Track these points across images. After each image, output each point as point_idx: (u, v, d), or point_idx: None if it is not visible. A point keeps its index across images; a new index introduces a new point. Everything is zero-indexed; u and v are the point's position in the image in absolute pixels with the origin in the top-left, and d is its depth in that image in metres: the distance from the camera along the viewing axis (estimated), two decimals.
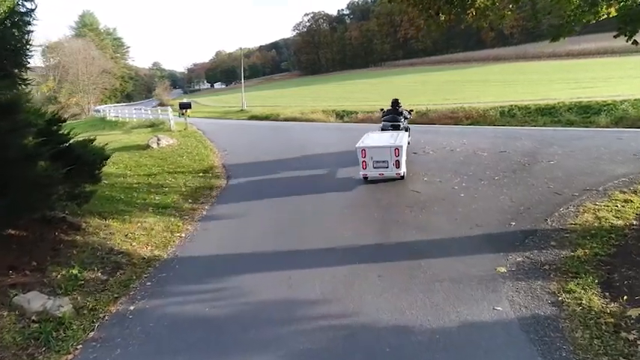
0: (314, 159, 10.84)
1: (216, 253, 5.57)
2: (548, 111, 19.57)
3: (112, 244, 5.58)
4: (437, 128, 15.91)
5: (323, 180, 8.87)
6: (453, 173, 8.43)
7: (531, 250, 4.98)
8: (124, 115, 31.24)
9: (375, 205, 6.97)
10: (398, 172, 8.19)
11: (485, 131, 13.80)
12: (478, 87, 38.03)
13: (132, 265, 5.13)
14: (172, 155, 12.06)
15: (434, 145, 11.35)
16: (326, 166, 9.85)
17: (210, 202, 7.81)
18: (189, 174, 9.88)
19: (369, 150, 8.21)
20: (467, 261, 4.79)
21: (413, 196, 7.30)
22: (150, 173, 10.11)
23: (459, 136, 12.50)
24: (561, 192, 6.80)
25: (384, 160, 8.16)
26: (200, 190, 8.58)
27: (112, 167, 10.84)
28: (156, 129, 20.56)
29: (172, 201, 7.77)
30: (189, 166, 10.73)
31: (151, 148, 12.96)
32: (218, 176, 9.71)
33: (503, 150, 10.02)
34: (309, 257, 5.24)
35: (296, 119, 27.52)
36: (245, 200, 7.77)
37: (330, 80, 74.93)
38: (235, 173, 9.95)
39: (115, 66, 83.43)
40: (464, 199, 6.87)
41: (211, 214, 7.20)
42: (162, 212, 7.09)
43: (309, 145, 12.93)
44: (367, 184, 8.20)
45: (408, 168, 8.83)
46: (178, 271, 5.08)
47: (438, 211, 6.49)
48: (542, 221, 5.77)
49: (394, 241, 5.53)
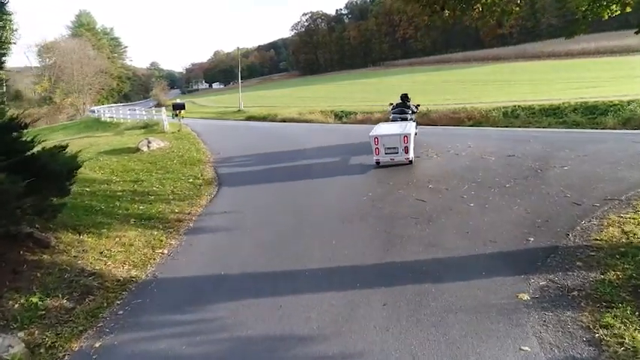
0: (312, 166, 10.28)
1: (199, 273, 4.98)
2: (553, 111, 19.05)
3: (84, 263, 4.98)
4: (439, 130, 15.34)
5: (320, 193, 8.29)
6: (460, 180, 7.85)
7: (555, 271, 4.40)
8: (118, 115, 30.64)
9: (378, 217, 6.38)
10: (407, 157, 9.25)
11: (491, 133, 13.23)
12: (479, 87, 37.57)
13: (104, 289, 4.53)
14: (162, 159, 11.46)
15: (437, 148, 10.78)
16: (323, 175, 9.26)
17: (198, 212, 7.21)
18: (179, 180, 9.27)
19: (381, 138, 9.27)
20: (483, 285, 4.21)
21: (418, 205, 6.72)
22: (137, 179, 9.51)
23: (463, 139, 11.93)
24: (580, 202, 6.22)
25: (395, 147, 9.20)
26: (188, 198, 7.98)
27: (98, 172, 10.26)
28: (149, 130, 19.98)
29: (157, 211, 7.17)
30: (179, 171, 10.13)
31: (140, 152, 12.36)
32: (208, 182, 9.11)
33: (511, 154, 9.45)
34: (304, 279, 4.65)
35: (294, 120, 26.93)
36: (235, 211, 7.16)
37: (329, 80, 74.36)
38: (227, 179, 9.35)
39: (111, 66, 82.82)
40: (474, 210, 6.29)
41: (198, 226, 6.60)
42: (144, 224, 6.49)
43: (305, 148, 12.36)
44: (370, 189, 7.62)
45: (411, 174, 8.30)
46: (156, 297, 4.49)
47: (446, 223, 5.91)
48: (564, 236, 5.19)
49: (399, 260, 4.94)
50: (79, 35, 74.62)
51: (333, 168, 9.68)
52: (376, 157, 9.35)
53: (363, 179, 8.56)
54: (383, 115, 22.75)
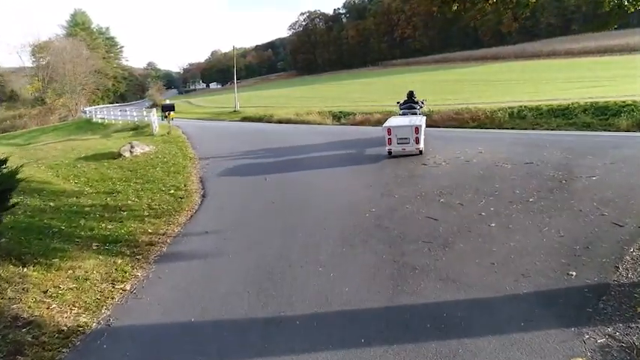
0: (309, 176, 9.33)
1: (164, 320, 4.00)
2: (562, 112, 18.17)
3: (21, 308, 4.00)
4: (443, 132, 14.37)
5: (317, 208, 7.33)
6: (475, 192, 6.90)
7: (613, 321, 3.45)
8: (109, 117, 29.66)
9: (383, 240, 5.41)
10: (417, 148, 9.80)
11: (501, 137, 12.28)
12: (479, 86, 36.66)
13: (39, 345, 3.55)
14: (145, 166, 10.47)
15: (445, 154, 9.83)
16: (322, 188, 8.31)
17: (175, 233, 6.23)
18: (158, 192, 8.28)
19: (394, 129, 9.90)
20: (524, 344, 3.25)
21: (429, 225, 5.76)
22: (112, 190, 8.51)
23: (472, 143, 10.98)
24: (621, 222, 5.27)
25: (406, 137, 9.74)
26: (166, 214, 6.99)
27: (71, 182, 9.27)
28: (139, 132, 19.01)
29: (127, 231, 6.18)
30: (160, 180, 9.13)
31: (122, 157, 11.37)
32: (191, 194, 8.12)
33: (528, 161, 8.50)
34: (294, 330, 3.69)
35: (290, 121, 25.93)
36: (217, 231, 6.18)
37: (327, 80, 73.44)
38: (212, 190, 8.37)
39: (106, 66, 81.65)
40: (496, 232, 5.34)
41: (173, 252, 5.61)
42: (109, 250, 5.50)
43: (300, 152, 11.41)
44: (374, 204, 6.66)
45: (419, 185, 7.38)
46: (104, 357, 3.52)
47: (465, 250, 4.95)
48: (612, 269, 4.24)
49: (412, 302, 3.97)
50: (73, 35, 73.47)
51: (334, 180, 8.72)
52: (388, 147, 9.95)
53: (365, 192, 7.59)
54: (383, 115, 21.74)
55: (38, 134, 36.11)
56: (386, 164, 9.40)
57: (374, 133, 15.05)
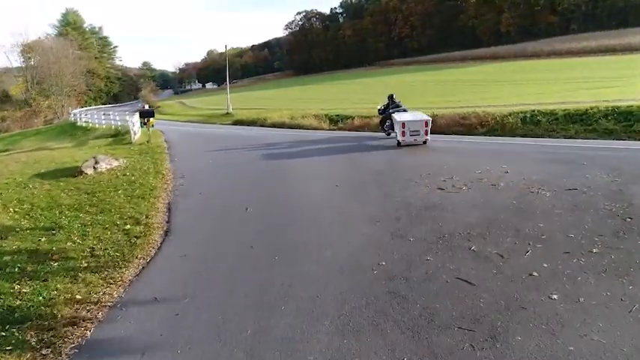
0: (300, 202, 7.68)
1: None
2: (579, 117, 16.66)
3: None
4: (454, 143, 12.76)
5: (312, 263, 5.67)
6: (515, 235, 5.26)
7: None
8: (93, 120, 28.00)
9: (400, 320, 3.74)
10: (425, 139, 11.58)
11: (524, 150, 10.64)
12: (481, 87, 35.22)
13: None
14: (106, 187, 8.76)
15: (463, 173, 8.20)
16: (319, 225, 6.65)
17: (113, 299, 4.55)
18: (111, 227, 6.58)
19: (408, 123, 11.50)
20: None
21: (464, 294, 4.10)
22: (53, 225, 6.78)
23: (492, 158, 9.38)
24: None
25: (417, 130, 11.47)
26: (110, 265, 5.28)
27: (8, 212, 7.54)
28: (117, 140, 17.34)
29: (46, 299, 4.48)
30: (118, 209, 7.42)
31: (84, 175, 9.66)
32: (151, 231, 6.42)
33: (570, 186, 6.87)
34: None
35: (284, 125, 24.30)
36: (169, 301, 4.42)
37: (324, 80, 71.88)
38: (178, 226, 6.67)
39: (98, 66, 79.66)
40: (563, 311, 3.68)
41: (99, 338, 3.89)
42: (4, 338, 3.83)
43: (291, 170, 9.77)
44: (383, 254, 5.00)
45: (438, 221, 5.76)
46: None
47: (526, 344, 3.30)
48: None
49: None
50: (64, 34, 71.37)
51: (328, 209, 7.07)
52: (402, 138, 11.51)
53: (369, 230, 5.94)
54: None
55: (20, 139, 34.31)
56: (394, 189, 7.74)
57: (370, 141, 13.48)
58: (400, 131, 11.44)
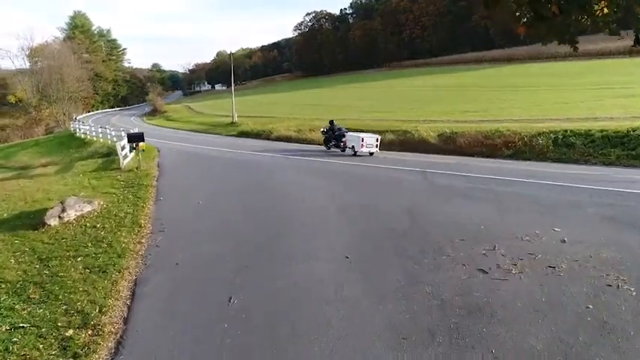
0: (299, 279, 6.01)
1: None
2: (620, 140, 14.86)
3: None
4: (483, 174, 10.97)
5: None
6: None
7: None
8: (91, 133, 26.60)
9: None
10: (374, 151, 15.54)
11: (576, 195, 8.58)
12: (498, 93, 33.21)
13: None
14: (67, 250, 6.85)
15: (505, 239, 6.30)
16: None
17: None
18: (49, 331, 4.60)
19: (366, 138, 15.34)
20: None
21: None
22: None
23: (538, 212, 7.57)
24: None
25: (372, 144, 15.39)
26: None
27: None
28: (108, 162, 15.84)
29: None
30: (70, 291, 5.65)
31: (47, 226, 8.09)
32: (99, 340, 4.72)
33: None
34: None
35: (291, 139, 22.85)
36: None
37: (333, 83, 70.37)
38: (139, 332, 4.85)
39: (105, 70, 78.87)
40: None
41: None
42: None
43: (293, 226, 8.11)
44: None
45: (488, 340, 4.05)
46: None
47: None
48: None
49: None
50: (71, 38, 70.63)
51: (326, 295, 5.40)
52: (360, 150, 15.10)
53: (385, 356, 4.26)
54: (396, 137, 18.51)
55: (17, 150, 33.29)
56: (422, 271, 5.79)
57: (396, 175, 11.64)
58: (359, 144, 15.05)
